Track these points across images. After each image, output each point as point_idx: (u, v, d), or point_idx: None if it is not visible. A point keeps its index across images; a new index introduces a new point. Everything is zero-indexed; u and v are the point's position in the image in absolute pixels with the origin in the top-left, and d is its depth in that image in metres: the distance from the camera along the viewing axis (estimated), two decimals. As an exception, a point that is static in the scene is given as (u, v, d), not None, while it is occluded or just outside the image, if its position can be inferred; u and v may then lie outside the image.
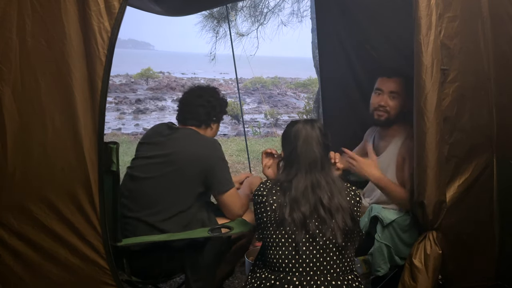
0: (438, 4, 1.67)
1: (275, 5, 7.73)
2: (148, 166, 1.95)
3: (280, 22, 7.88)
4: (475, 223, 1.88)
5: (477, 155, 1.85)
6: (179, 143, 1.96)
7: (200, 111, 2.05)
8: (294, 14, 7.98)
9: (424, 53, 1.66)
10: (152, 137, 2.07)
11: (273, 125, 9.90)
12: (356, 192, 1.66)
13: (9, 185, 1.54)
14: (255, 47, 7.82)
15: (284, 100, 15.53)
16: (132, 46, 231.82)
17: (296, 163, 1.63)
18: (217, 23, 7.72)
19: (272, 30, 9.54)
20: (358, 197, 1.65)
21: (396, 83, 2.18)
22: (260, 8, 7.69)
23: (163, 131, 2.05)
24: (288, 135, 1.70)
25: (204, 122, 2.06)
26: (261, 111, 12.80)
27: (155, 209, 1.90)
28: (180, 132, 2.01)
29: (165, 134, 2.02)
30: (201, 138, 2.02)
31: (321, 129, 1.68)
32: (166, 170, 1.90)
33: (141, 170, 1.96)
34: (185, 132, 2.02)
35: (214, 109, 2.08)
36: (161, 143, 1.99)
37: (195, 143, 1.97)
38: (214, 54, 8.07)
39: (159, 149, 1.97)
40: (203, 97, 2.07)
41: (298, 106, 13.63)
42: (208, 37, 7.81)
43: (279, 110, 12.76)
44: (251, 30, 7.75)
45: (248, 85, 18.05)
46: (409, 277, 1.76)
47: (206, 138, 2.04)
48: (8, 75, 1.50)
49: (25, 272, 1.57)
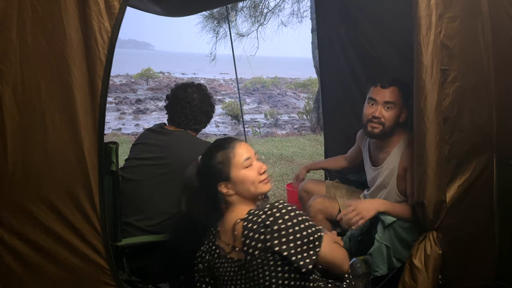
0: (438, 4, 1.67)
1: (275, 6, 7.74)
2: (139, 167, 1.95)
3: (280, 23, 7.91)
4: (475, 223, 1.88)
5: (477, 155, 1.85)
6: (172, 145, 1.96)
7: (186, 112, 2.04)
8: (294, 14, 8.00)
9: (424, 53, 1.66)
10: (145, 138, 2.07)
11: (273, 125, 9.90)
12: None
13: (9, 185, 1.53)
14: (255, 48, 7.84)
15: (284, 100, 15.53)
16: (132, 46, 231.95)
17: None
18: (217, 24, 7.74)
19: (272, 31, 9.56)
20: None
21: (392, 92, 2.06)
22: (260, 8, 7.70)
23: (156, 132, 2.05)
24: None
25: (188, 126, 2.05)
26: (261, 111, 12.81)
27: (145, 213, 1.89)
28: (172, 135, 2.01)
29: (157, 136, 2.02)
30: (193, 142, 2.00)
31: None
32: (157, 173, 1.89)
33: (132, 171, 1.95)
34: (177, 134, 2.01)
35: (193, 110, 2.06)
36: (153, 144, 1.99)
37: (187, 147, 1.95)
38: (215, 54, 8.09)
39: (151, 151, 1.96)
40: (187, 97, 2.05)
41: (298, 106, 13.63)
42: (209, 38, 7.84)
43: (279, 110, 12.76)
44: (251, 30, 7.77)
45: (248, 85, 18.05)
46: (409, 277, 1.76)
47: (198, 142, 2.02)
48: (8, 75, 1.50)
49: (25, 272, 1.57)
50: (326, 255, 1.42)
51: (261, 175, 1.51)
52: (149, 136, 2.07)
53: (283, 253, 1.34)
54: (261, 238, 1.36)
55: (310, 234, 1.37)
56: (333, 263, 1.48)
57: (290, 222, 1.35)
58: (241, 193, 1.50)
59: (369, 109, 2.11)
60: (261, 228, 1.36)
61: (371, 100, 2.11)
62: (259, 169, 1.52)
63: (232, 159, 1.49)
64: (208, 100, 2.08)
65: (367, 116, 2.10)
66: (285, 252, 1.33)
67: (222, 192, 1.50)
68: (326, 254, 1.41)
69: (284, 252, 1.34)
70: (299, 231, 1.36)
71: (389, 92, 2.07)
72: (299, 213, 1.40)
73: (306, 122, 10.08)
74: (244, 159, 1.49)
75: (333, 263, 1.48)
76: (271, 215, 1.37)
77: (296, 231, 1.35)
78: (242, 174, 1.48)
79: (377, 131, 2.09)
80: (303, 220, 1.39)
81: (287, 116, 12.00)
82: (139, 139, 2.12)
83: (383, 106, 2.06)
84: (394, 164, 2.11)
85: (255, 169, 1.51)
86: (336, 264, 1.49)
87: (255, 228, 1.37)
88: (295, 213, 1.39)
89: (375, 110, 2.07)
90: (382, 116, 2.06)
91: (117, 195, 1.78)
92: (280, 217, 1.36)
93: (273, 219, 1.36)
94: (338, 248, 1.53)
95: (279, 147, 6.53)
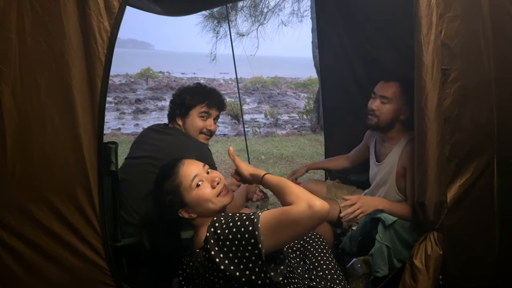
0: (439, 4, 1.67)
1: (275, 5, 7.74)
2: (134, 167, 1.94)
3: (280, 22, 7.91)
4: (475, 223, 1.87)
5: (478, 155, 1.85)
6: (165, 144, 1.95)
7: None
8: (294, 14, 7.99)
9: (425, 53, 1.65)
10: (142, 137, 2.07)
11: (273, 125, 9.89)
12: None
13: (9, 185, 1.53)
14: (255, 47, 7.84)
15: (284, 100, 15.53)
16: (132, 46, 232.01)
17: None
18: (217, 23, 7.73)
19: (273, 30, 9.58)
20: None
21: (391, 87, 2.13)
22: (260, 8, 7.70)
23: (154, 131, 2.05)
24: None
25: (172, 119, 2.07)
26: (261, 111, 12.80)
27: (139, 212, 1.89)
28: (165, 133, 2.00)
29: (154, 135, 2.02)
30: (187, 142, 1.98)
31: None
32: (149, 172, 1.85)
33: (128, 171, 1.95)
34: (174, 134, 2.00)
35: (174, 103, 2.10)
36: (148, 143, 1.99)
37: (178, 146, 1.93)
38: (215, 54, 8.09)
39: (145, 149, 1.95)
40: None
41: (298, 106, 13.63)
42: (209, 37, 7.84)
43: (279, 110, 12.75)
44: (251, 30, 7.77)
45: (248, 85, 18.05)
46: (409, 277, 1.76)
47: (193, 142, 2.00)
48: (7, 75, 1.49)
49: (25, 272, 1.57)
50: (265, 222, 1.21)
51: (214, 188, 1.45)
52: (146, 135, 2.07)
53: (227, 273, 1.25)
54: (214, 267, 1.27)
55: (244, 220, 1.24)
56: (288, 220, 1.18)
57: (228, 226, 1.26)
58: (202, 213, 1.44)
59: (370, 102, 2.21)
60: (209, 253, 1.27)
61: (373, 94, 2.21)
62: (212, 183, 1.45)
63: (180, 185, 1.43)
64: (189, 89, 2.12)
65: (368, 108, 2.21)
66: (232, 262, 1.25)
67: (185, 217, 1.45)
68: (264, 221, 1.21)
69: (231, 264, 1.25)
70: (235, 224, 1.26)
71: (387, 87, 2.15)
72: (234, 215, 1.29)
73: (306, 122, 10.07)
74: (191, 180, 1.43)
75: (288, 220, 1.18)
76: (215, 233, 1.28)
77: (234, 226, 1.25)
78: (195, 196, 1.42)
79: (372, 123, 2.19)
80: (236, 218, 1.27)
81: (287, 116, 11.99)
82: (137, 138, 2.12)
83: (380, 100, 2.15)
84: (394, 161, 2.15)
85: (207, 186, 1.44)
86: (293, 216, 1.18)
87: (208, 257, 1.29)
88: (230, 217, 1.29)
89: (372, 103, 2.18)
90: (377, 109, 2.15)
91: (117, 195, 1.78)
92: (218, 228, 1.28)
93: (215, 235, 1.27)
94: (281, 207, 1.24)
95: (279, 147, 6.53)
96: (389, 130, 2.18)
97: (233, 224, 1.27)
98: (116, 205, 1.78)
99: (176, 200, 1.44)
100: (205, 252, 1.30)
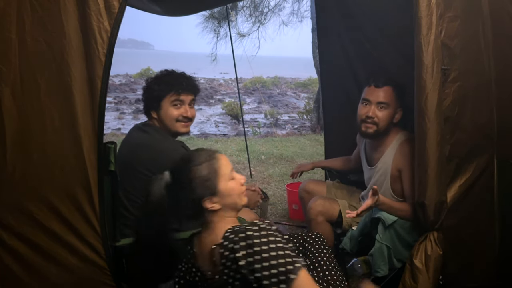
0: (439, 4, 1.67)
1: (275, 5, 7.74)
2: (120, 166, 1.94)
3: (281, 22, 7.91)
4: (475, 223, 1.87)
5: (477, 155, 1.85)
6: (137, 144, 1.95)
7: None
8: (294, 13, 8.00)
9: (425, 52, 1.65)
10: (127, 135, 2.08)
11: (273, 125, 9.89)
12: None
13: (9, 185, 1.53)
14: (256, 47, 7.84)
15: (284, 100, 15.53)
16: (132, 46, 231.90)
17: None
18: (217, 24, 7.73)
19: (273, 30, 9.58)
20: None
21: (385, 92, 2.06)
22: (260, 8, 7.70)
23: (136, 128, 2.04)
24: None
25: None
26: (261, 111, 12.80)
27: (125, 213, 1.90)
28: (146, 132, 1.98)
29: (134, 133, 2.02)
30: (162, 141, 1.95)
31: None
32: (125, 172, 1.83)
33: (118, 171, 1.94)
34: (150, 132, 1.98)
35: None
36: (125, 142, 1.99)
37: (149, 147, 1.92)
38: (215, 54, 8.09)
39: (121, 149, 1.95)
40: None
41: (298, 106, 13.63)
42: (209, 38, 7.84)
43: (279, 110, 12.75)
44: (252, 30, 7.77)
45: (248, 85, 18.04)
46: (409, 277, 1.76)
47: (161, 145, 1.95)
48: (7, 75, 1.49)
49: (25, 272, 1.57)
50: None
51: (242, 186, 1.45)
52: (128, 134, 2.07)
53: (258, 282, 1.23)
54: (234, 267, 1.25)
55: (284, 264, 1.23)
56: None
57: (267, 254, 1.22)
58: (227, 205, 1.41)
59: (363, 109, 2.11)
60: (235, 254, 1.25)
61: (364, 101, 2.11)
62: (240, 180, 1.46)
63: (219, 170, 1.40)
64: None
65: (361, 116, 2.11)
66: (259, 282, 1.23)
67: (205, 208, 1.39)
68: (301, 286, 1.23)
69: (258, 281, 1.23)
70: (274, 259, 1.22)
71: (383, 92, 2.07)
72: (277, 240, 1.26)
73: (306, 122, 10.07)
74: (230, 170, 1.43)
75: None
76: (247, 243, 1.25)
77: (271, 260, 1.22)
78: (230, 186, 1.41)
79: (371, 131, 2.09)
80: (278, 248, 1.25)
81: (287, 116, 11.99)
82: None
83: (376, 106, 2.06)
84: (387, 164, 2.11)
85: (238, 181, 1.45)
86: None
87: (231, 257, 1.26)
88: (273, 238, 1.26)
89: (368, 110, 2.08)
90: (375, 116, 2.06)
91: (116, 195, 1.78)
92: (256, 245, 1.24)
93: (248, 248, 1.24)
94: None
95: (279, 147, 6.53)
96: (385, 135, 2.12)
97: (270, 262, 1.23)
98: (115, 205, 1.78)
99: (210, 184, 1.39)
100: (230, 252, 1.27)
